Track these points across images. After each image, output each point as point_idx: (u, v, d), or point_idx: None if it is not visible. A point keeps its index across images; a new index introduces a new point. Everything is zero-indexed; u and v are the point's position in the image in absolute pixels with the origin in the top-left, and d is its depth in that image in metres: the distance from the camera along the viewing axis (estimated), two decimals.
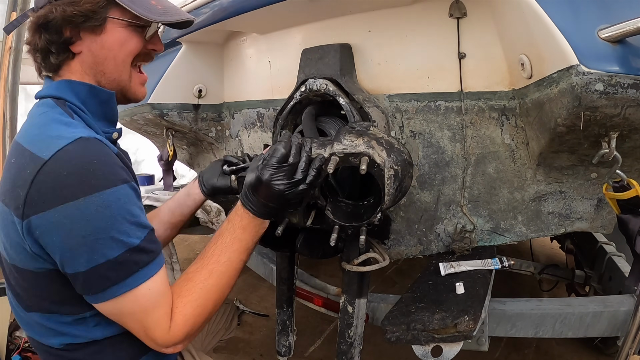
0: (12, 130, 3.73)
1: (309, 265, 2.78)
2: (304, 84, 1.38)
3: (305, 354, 2.28)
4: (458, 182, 1.31)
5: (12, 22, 1.00)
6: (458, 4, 1.16)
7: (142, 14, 0.88)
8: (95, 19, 0.86)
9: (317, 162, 0.94)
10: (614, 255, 1.95)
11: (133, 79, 0.95)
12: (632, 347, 1.21)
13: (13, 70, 3.60)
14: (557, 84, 0.94)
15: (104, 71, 0.90)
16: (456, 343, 1.00)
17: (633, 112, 0.90)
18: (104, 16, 0.87)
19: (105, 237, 0.75)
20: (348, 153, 0.97)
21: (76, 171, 0.74)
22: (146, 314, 0.81)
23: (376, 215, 1.00)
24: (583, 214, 1.25)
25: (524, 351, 2.31)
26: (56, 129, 0.79)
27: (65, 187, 0.73)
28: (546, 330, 1.34)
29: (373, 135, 1.03)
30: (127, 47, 0.91)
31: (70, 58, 0.88)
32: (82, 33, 0.87)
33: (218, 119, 1.99)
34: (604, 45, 0.87)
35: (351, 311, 1.19)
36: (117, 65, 0.91)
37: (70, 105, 0.87)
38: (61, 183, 0.73)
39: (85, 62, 0.89)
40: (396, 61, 1.32)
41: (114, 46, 0.89)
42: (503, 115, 1.19)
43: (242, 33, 1.74)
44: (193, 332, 0.87)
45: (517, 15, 1.02)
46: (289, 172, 0.91)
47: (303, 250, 1.20)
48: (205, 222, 1.87)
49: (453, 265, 1.23)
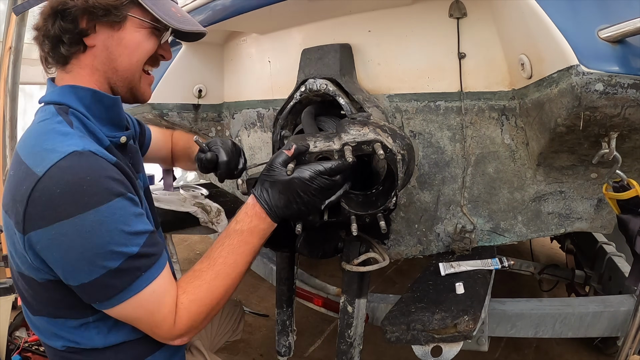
0: (12, 131, 3.73)
1: (309, 265, 2.78)
2: (304, 84, 1.38)
3: (305, 354, 2.28)
4: (458, 182, 1.31)
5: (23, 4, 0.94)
6: (458, 4, 1.16)
7: (164, 19, 0.89)
8: (116, 15, 0.85)
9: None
10: (614, 255, 1.96)
11: (142, 79, 0.95)
12: (632, 347, 1.21)
13: (13, 70, 3.60)
14: (557, 84, 0.94)
15: (116, 68, 0.89)
16: (456, 343, 1.00)
17: (633, 112, 0.90)
18: (125, 13, 0.86)
19: (104, 252, 0.76)
20: (360, 142, 0.97)
21: (68, 190, 0.74)
22: (152, 314, 0.83)
23: (391, 200, 1.01)
24: (583, 214, 1.25)
25: (524, 351, 2.31)
26: (51, 141, 0.78)
27: (59, 206, 0.73)
28: (546, 330, 1.34)
29: (375, 123, 1.04)
30: (143, 48, 0.90)
31: (81, 51, 0.86)
32: (99, 26, 0.85)
33: (218, 119, 1.99)
34: (604, 45, 0.87)
35: (351, 311, 1.19)
36: (132, 64, 0.90)
37: (73, 112, 0.85)
38: (55, 201, 0.73)
39: (98, 57, 0.87)
40: (396, 61, 1.32)
41: (131, 44, 0.88)
42: (503, 115, 1.19)
43: (242, 33, 1.74)
44: (197, 327, 0.89)
45: (517, 15, 1.02)
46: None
47: (303, 250, 1.20)
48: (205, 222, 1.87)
49: (453, 265, 1.23)
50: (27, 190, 0.74)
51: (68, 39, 0.84)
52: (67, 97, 0.86)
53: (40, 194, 0.74)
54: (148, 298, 0.82)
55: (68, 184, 0.74)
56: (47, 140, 0.79)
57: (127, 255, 0.78)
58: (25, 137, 0.84)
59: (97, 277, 0.77)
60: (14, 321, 2.25)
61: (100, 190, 0.76)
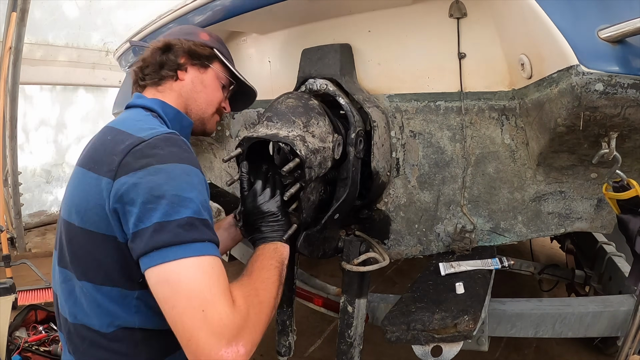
0: (12, 131, 3.74)
1: (309, 265, 2.78)
2: (304, 84, 1.38)
3: (305, 354, 2.29)
4: (458, 182, 1.31)
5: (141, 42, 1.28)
6: (458, 4, 1.16)
7: (238, 74, 1.19)
8: (203, 62, 1.12)
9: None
10: (614, 255, 1.95)
11: (213, 116, 1.17)
12: (632, 347, 1.21)
13: (13, 70, 3.62)
14: (557, 84, 0.94)
15: (196, 99, 1.11)
16: (456, 343, 1.00)
17: (633, 112, 0.90)
18: (209, 64, 1.14)
19: (185, 197, 0.79)
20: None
21: (170, 147, 0.84)
22: (209, 287, 0.73)
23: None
24: (583, 214, 1.25)
25: (524, 351, 2.32)
26: (152, 124, 0.94)
27: (157, 155, 0.82)
28: (546, 330, 1.34)
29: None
30: (217, 94, 1.15)
31: (173, 79, 1.09)
32: (190, 67, 1.11)
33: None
34: (604, 45, 0.87)
35: (351, 311, 1.19)
36: (208, 102, 1.14)
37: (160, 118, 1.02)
38: (154, 151, 0.82)
39: (184, 87, 1.10)
40: (396, 61, 1.32)
41: (210, 86, 1.14)
42: (503, 115, 1.19)
43: (242, 33, 1.74)
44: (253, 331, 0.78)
45: (517, 15, 1.02)
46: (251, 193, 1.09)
47: (303, 250, 1.20)
48: None
49: (453, 265, 1.23)
50: (130, 145, 0.83)
51: (169, 67, 1.08)
52: (156, 106, 1.04)
53: (142, 147, 0.83)
54: (207, 268, 0.75)
55: (170, 145, 0.85)
56: (149, 123, 0.94)
57: (200, 214, 0.80)
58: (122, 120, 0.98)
59: (167, 220, 0.75)
60: (14, 321, 2.25)
61: (193, 158, 0.87)
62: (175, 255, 0.74)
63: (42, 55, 4.38)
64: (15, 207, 3.85)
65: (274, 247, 1.01)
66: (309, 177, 1.07)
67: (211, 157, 2.23)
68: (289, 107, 1.19)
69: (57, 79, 4.65)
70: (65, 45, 4.58)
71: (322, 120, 1.17)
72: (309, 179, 1.07)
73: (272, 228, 1.03)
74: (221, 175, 2.21)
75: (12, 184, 3.82)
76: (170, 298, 0.73)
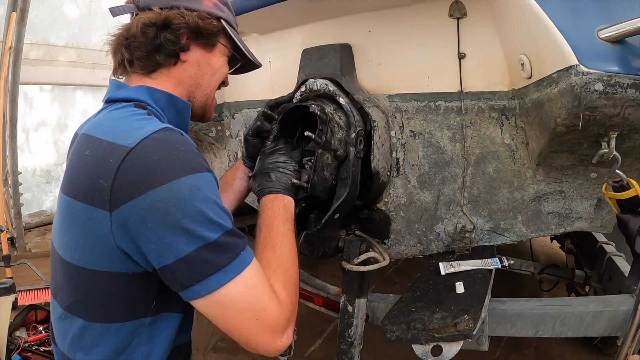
0: (12, 131, 3.74)
1: (309, 265, 2.78)
2: (304, 84, 1.38)
3: (305, 354, 2.29)
4: (458, 182, 1.31)
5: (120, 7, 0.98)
6: (458, 4, 1.16)
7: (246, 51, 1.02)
8: (211, 40, 0.94)
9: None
10: (614, 255, 1.95)
11: (213, 100, 1.03)
12: (632, 347, 1.21)
13: (13, 70, 3.62)
14: (556, 84, 0.94)
15: (200, 84, 0.96)
16: (456, 342, 1.00)
17: (632, 112, 0.90)
18: (217, 40, 0.96)
19: (203, 219, 0.71)
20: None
21: (166, 155, 0.72)
22: (257, 298, 0.75)
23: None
24: (583, 213, 1.25)
25: (524, 351, 2.32)
26: (137, 122, 0.78)
27: (155, 171, 0.70)
28: (546, 330, 1.34)
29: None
30: (222, 71, 1.00)
31: (173, 64, 0.91)
32: (194, 45, 0.92)
33: (218, 118, 1.99)
34: (604, 46, 0.87)
35: (351, 311, 1.19)
36: (211, 83, 0.99)
37: (151, 109, 0.86)
38: (151, 167, 0.70)
39: (187, 71, 0.93)
40: (396, 61, 1.33)
41: (216, 66, 0.98)
42: (503, 115, 1.20)
43: (242, 33, 1.74)
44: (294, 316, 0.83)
45: (516, 15, 1.02)
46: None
47: (303, 250, 1.20)
48: None
49: (453, 264, 1.23)
50: (116, 162, 0.71)
51: (168, 50, 0.89)
52: (143, 95, 0.87)
53: (132, 163, 0.70)
54: (251, 280, 0.75)
55: (165, 151, 0.73)
56: (131, 122, 0.78)
57: (224, 228, 0.73)
58: (100, 122, 0.82)
59: (194, 249, 0.70)
60: (14, 321, 2.25)
61: (196, 160, 0.75)
62: (217, 283, 0.72)
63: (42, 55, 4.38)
64: (15, 207, 3.85)
65: (282, 203, 0.96)
66: (329, 140, 1.12)
67: (211, 157, 2.23)
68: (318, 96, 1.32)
69: (57, 79, 4.65)
70: (65, 45, 4.58)
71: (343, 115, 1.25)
72: (329, 141, 1.12)
73: (282, 172, 1.01)
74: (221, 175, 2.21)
75: (12, 184, 3.82)
76: (222, 316, 0.75)
